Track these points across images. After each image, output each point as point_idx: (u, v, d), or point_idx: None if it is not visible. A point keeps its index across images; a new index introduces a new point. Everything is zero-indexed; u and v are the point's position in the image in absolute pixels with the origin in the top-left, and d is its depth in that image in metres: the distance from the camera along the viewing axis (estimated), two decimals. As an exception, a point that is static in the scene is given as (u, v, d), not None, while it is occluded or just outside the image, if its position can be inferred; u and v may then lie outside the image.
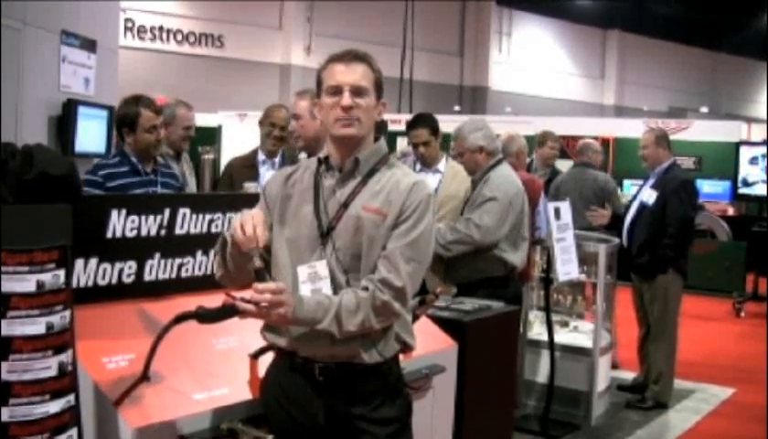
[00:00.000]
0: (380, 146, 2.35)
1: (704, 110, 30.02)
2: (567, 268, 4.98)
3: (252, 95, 19.58)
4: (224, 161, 8.62)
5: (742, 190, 11.22)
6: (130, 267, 2.67)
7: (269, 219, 2.31)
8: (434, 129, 4.73)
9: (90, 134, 6.29)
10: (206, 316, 2.18)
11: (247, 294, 2.10)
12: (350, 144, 2.27)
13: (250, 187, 4.74)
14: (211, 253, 2.88)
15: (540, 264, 5.32)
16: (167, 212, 2.77)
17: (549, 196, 6.54)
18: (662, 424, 5.43)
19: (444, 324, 3.40)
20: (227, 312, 2.14)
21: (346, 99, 2.22)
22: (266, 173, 5.02)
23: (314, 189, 2.30)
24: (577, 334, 5.55)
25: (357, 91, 2.23)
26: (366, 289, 2.18)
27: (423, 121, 4.80)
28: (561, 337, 5.33)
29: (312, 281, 2.22)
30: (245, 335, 2.57)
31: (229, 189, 4.95)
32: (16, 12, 5.39)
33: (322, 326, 2.15)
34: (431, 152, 4.73)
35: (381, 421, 2.26)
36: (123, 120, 4.03)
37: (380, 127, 5.29)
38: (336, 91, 2.23)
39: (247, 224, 2.09)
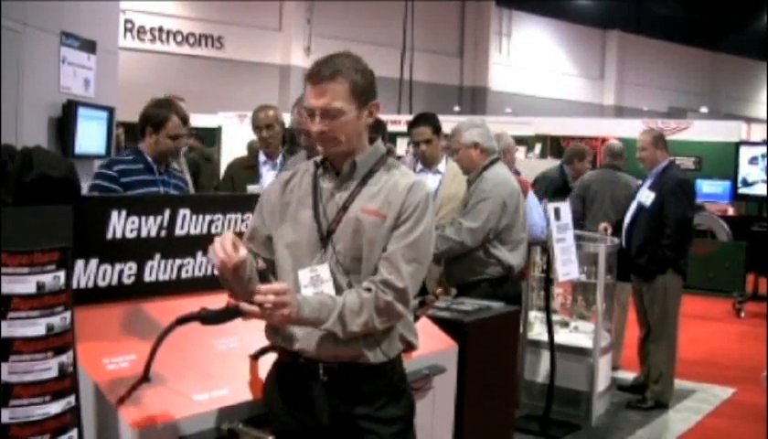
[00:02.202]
0: (377, 147, 2.34)
1: (704, 110, 30.05)
2: (567, 268, 4.98)
3: (252, 96, 19.54)
4: (224, 161, 8.64)
5: (742, 190, 11.22)
6: (130, 268, 2.67)
7: (265, 231, 2.34)
8: (436, 128, 4.76)
9: (91, 136, 6.29)
10: (209, 318, 2.18)
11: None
12: (338, 158, 2.27)
13: (253, 189, 4.76)
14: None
15: (540, 264, 5.32)
16: (167, 213, 2.77)
17: (574, 195, 6.56)
18: (662, 424, 5.43)
19: (445, 324, 3.40)
20: (230, 314, 2.14)
21: (317, 125, 2.20)
22: (267, 173, 5.04)
23: (312, 193, 2.31)
24: (577, 334, 5.55)
25: (330, 114, 2.20)
26: (368, 290, 2.18)
27: (426, 119, 4.84)
28: (562, 337, 5.33)
29: (314, 284, 2.22)
30: (246, 336, 2.57)
31: (231, 191, 4.96)
32: (15, 13, 5.39)
33: (326, 326, 2.15)
34: (432, 150, 4.75)
35: (385, 420, 2.26)
36: (150, 119, 3.98)
37: (378, 127, 5.31)
38: (311, 113, 2.23)
39: (218, 252, 2.08)
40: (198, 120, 12.30)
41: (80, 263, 2.49)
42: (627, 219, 5.79)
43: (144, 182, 3.90)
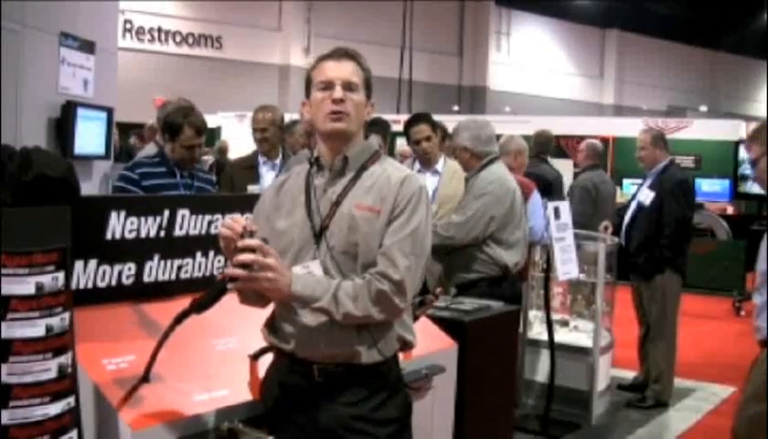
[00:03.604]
0: (370, 143, 2.36)
1: (703, 109, 30.05)
2: (567, 268, 4.98)
3: (251, 96, 19.54)
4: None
5: (742, 189, 11.22)
6: (129, 268, 2.66)
7: (260, 235, 2.32)
8: (434, 125, 4.81)
9: (90, 136, 6.29)
10: (202, 305, 2.16)
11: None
12: (340, 140, 2.27)
13: (253, 189, 4.76)
14: (210, 254, 2.89)
15: (540, 264, 5.32)
16: (166, 213, 2.76)
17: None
18: (662, 423, 5.43)
19: (444, 324, 3.39)
20: (219, 290, 2.12)
21: (338, 92, 2.23)
22: (267, 174, 5.04)
23: (305, 191, 2.31)
24: (577, 333, 5.55)
25: (348, 86, 2.25)
26: (363, 278, 2.18)
27: (423, 117, 4.91)
28: (561, 336, 5.33)
29: None
30: (245, 336, 2.57)
31: (230, 191, 4.96)
32: (15, 14, 5.40)
33: (320, 304, 2.14)
34: (433, 147, 4.78)
35: (381, 421, 2.25)
36: (168, 126, 3.98)
37: (383, 127, 5.32)
38: (328, 85, 2.24)
39: (225, 229, 2.10)
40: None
41: (79, 264, 2.48)
42: (626, 219, 5.80)
43: (166, 185, 3.89)
